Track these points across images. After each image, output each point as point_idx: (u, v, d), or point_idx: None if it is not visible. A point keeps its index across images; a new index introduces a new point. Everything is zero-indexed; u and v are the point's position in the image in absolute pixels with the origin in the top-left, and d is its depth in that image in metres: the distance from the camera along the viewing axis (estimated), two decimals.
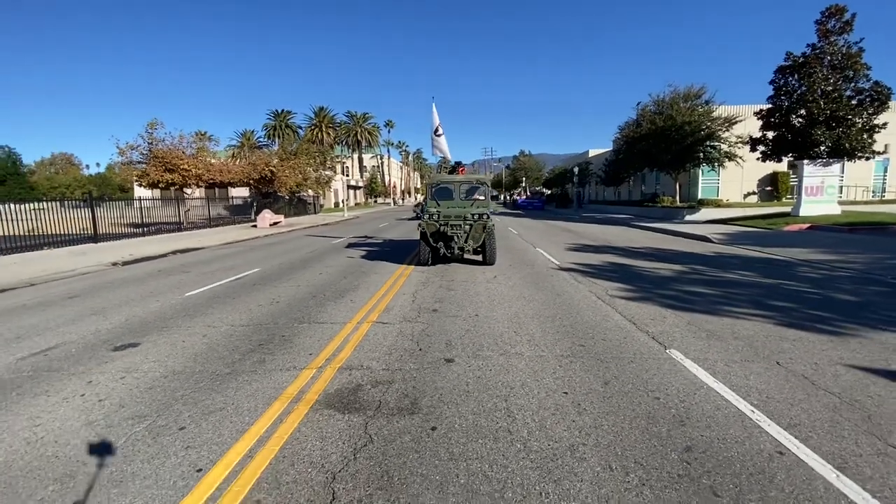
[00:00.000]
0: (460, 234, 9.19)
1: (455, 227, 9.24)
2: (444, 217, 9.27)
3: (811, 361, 4.17)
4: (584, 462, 2.62)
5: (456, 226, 9.24)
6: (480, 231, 9.20)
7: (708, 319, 5.56)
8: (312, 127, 69.15)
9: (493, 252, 9.63)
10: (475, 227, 9.20)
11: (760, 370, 3.97)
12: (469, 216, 9.28)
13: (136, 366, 4.30)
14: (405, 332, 5.13)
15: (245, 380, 3.89)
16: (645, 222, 22.20)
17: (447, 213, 9.39)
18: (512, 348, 4.56)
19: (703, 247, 13.25)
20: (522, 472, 2.54)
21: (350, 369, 4.07)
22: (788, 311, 5.91)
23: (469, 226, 9.25)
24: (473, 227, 9.20)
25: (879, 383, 3.69)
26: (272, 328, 5.43)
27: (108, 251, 15.26)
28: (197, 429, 3.09)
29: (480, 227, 9.20)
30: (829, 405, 3.31)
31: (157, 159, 22.20)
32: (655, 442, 2.83)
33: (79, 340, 5.18)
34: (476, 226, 9.20)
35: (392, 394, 3.55)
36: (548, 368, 4.02)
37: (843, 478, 2.46)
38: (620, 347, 4.56)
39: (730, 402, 3.36)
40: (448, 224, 9.21)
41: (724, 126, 23.75)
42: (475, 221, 9.22)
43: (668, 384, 3.68)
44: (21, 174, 53.46)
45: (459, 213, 9.38)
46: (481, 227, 9.20)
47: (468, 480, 2.47)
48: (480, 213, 9.31)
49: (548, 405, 3.33)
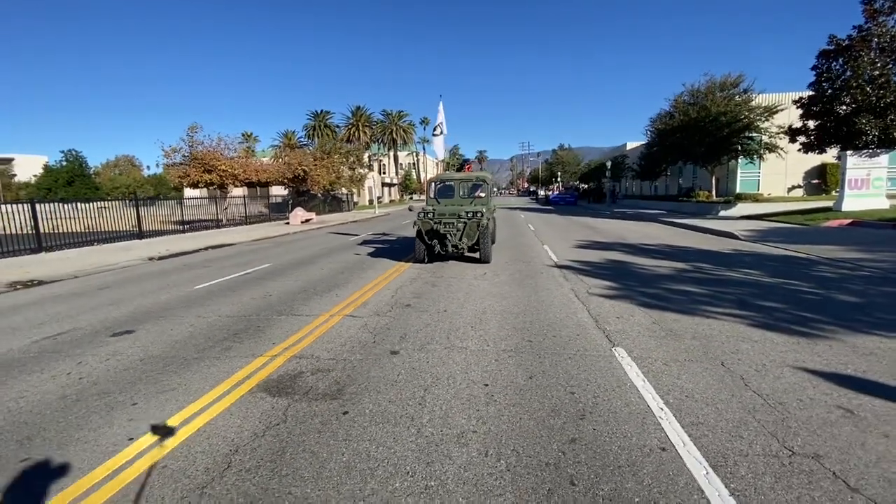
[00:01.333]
0: (453, 232, 9.19)
1: (448, 225, 9.23)
2: (438, 215, 9.29)
3: (759, 363, 4.08)
4: (465, 448, 2.80)
5: (449, 223, 9.23)
6: (475, 229, 9.15)
7: (677, 318, 5.48)
8: (350, 126, 71.03)
9: (488, 250, 9.51)
10: (469, 224, 9.16)
11: (699, 370, 3.94)
12: (463, 214, 9.23)
13: (122, 350, 4.84)
14: (369, 326, 5.42)
15: (206, 364, 4.32)
16: (675, 218, 21.37)
17: (441, 210, 9.42)
18: (460, 343, 4.73)
19: (723, 244, 12.70)
20: (403, 453, 2.75)
21: (300, 358, 4.40)
22: (771, 312, 5.70)
23: (463, 224, 9.21)
24: (468, 224, 9.16)
25: (820, 387, 3.59)
26: (252, 319, 5.87)
27: (149, 247, 16.55)
28: (146, 405, 3.51)
29: (475, 224, 9.15)
30: (749, 406, 3.28)
31: (196, 161, 23.75)
32: (545, 433, 2.95)
33: (87, 327, 5.84)
34: (470, 224, 9.16)
35: (325, 381, 3.84)
36: (482, 362, 4.17)
37: (712, 475, 2.50)
38: (567, 344, 4.63)
39: (643, 399, 3.40)
40: (441, 222, 9.22)
41: (764, 116, 22.36)
42: (469, 219, 9.17)
43: (592, 380, 3.75)
44: (87, 175, 58.38)
45: (454, 210, 9.36)
46: (475, 225, 9.14)
47: (350, 459, 2.71)
48: (475, 210, 9.25)
49: (462, 396, 3.50)
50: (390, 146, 76.21)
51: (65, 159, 57.17)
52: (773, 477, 2.49)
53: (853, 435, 2.89)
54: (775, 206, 21.91)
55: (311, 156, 34.06)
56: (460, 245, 9.25)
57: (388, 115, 75.61)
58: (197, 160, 23.82)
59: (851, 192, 17.27)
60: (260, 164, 31.28)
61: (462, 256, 10.52)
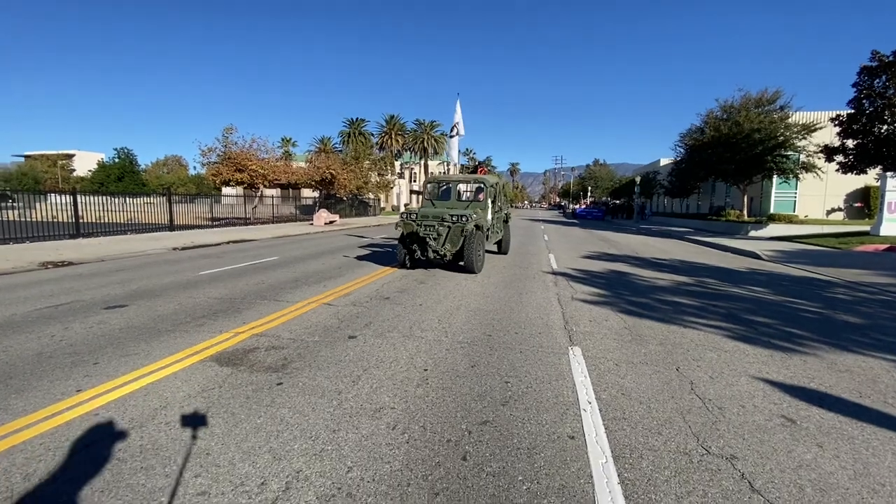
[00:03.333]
0: (434, 237, 8.33)
1: (429, 229, 8.39)
2: (420, 217, 8.56)
3: (718, 371, 3.95)
4: (376, 421, 2.86)
5: (430, 227, 8.39)
6: (458, 235, 8.23)
7: (652, 325, 5.35)
8: (383, 134, 72.63)
9: (473, 258, 8.31)
10: (453, 229, 8.26)
11: (649, 372, 3.85)
12: (447, 217, 8.38)
13: (108, 320, 5.18)
14: (341, 313, 5.56)
15: (175, 336, 4.57)
16: (701, 236, 20.63)
17: (425, 212, 8.70)
18: (421, 333, 4.79)
19: (742, 262, 12.20)
20: (315, 421, 2.85)
21: (262, 336, 4.58)
22: (757, 327, 5.48)
23: (447, 228, 8.34)
24: (451, 229, 8.27)
25: (772, 396, 3.45)
26: (236, 302, 6.14)
27: (176, 238, 17.43)
28: (105, 365, 3.76)
29: (458, 230, 8.24)
30: (684, 408, 3.19)
31: (229, 160, 24.93)
32: (461, 414, 2.98)
33: (88, 300, 6.26)
34: (454, 228, 8.27)
35: (275, 357, 3.99)
36: (433, 350, 4.22)
37: (609, 465, 2.47)
38: (525, 341, 4.61)
39: (576, 393, 3.36)
40: (423, 225, 8.44)
41: (801, 134, 21.38)
42: (453, 223, 8.29)
43: (532, 373, 3.73)
44: (136, 172, 62.41)
45: (438, 213, 8.57)
46: (459, 231, 8.23)
47: (263, 421, 2.83)
48: (460, 214, 8.39)
49: (398, 378, 3.57)
50: (421, 155, 77.23)
51: (117, 156, 61.12)
52: (672, 472, 2.43)
53: (783, 442, 2.77)
54: (810, 229, 20.78)
55: (340, 160, 35.09)
56: (442, 251, 8.34)
57: (421, 125, 76.78)
58: (230, 159, 25.00)
59: (891, 215, 16.20)
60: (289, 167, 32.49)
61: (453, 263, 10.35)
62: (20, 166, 70.04)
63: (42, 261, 10.43)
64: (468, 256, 8.30)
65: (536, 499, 2.17)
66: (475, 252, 8.34)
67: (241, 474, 2.29)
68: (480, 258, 8.76)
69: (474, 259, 8.35)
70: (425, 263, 9.39)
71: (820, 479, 2.41)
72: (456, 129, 13.36)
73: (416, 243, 8.57)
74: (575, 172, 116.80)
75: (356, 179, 34.25)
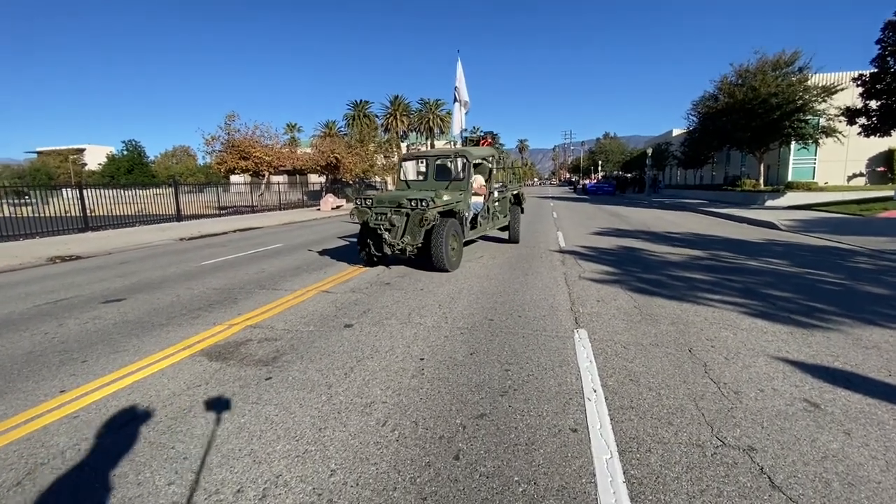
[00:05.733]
0: (385, 227, 6.71)
1: (381, 218, 6.77)
2: (376, 202, 7.02)
3: (734, 351, 3.70)
4: (366, 416, 2.70)
5: (382, 215, 6.79)
6: (417, 224, 6.56)
7: (664, 304, 5.09)
8: (388, 115, 71.86)
9: (442, 254, 6.60)
10: (412, 218, 6.58)
11: (659, 355, 3.62)
12: (405, 202, 6.69)
13: (104, 315, 5.10)
14: (338, 301, 5.41)
15: (168, 330, 4.46)
16: (716, 208, 20.01)
17: (380, 196, 7.18)
18: (420, 319, 4.61)
19: (758, 233, 11.75)
20: (301, 419, 2.70)
21: (256, 327, 4.45)
22: (775, 301, 5.19)
23: (404, 216, 6.69)
24: (410, 217, 6.61)
25: (792, 378, 3.21)
26: (234, 292, 6.02)
27: (183, 229, 17.45)
28: (94, 363, 3.66)
29: (417, 218, 6.53)
30: (697, 394, 2.97)
31: (233, 148, 24.77)
32: (456, 407, 2.80)
33: (88, 294, 6.20)
34: (413, 217, 6.57)
35: (267, 349, 3.85)
36: (431, 338, 4.04)
37: (615, 460, 2.27)
38: (528, 324, 4.40)
39: (580, 380, 3.16)
40: (374, 213, 6.90)
41: (821, 96, 20.36)
42: (412, 210, 6.61)
43: (534, 359, 3.53)
44: (145, 164, 62.78)
45: (395, 197, 6.96)
46: (419, 220, 6.51)
47: (247, 421, 2.69)
48: (420, 198, 6.64)
49: (392, 368, 3.40)
50: (427, 135, 76.28)
51: (125, 149, 61.44)
52: (684, 467, 2.22)
53: (806, 430, 2.55)
54: (830, 196, 20.00)
55: (345, 143, 34.70)
56: (400, 245, 6.68)
57: (426, 104, 75.56)
58: (234, 147, 24.83)
59: None
60: (294, 152, 32.23)
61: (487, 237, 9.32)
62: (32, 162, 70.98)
63: (50, 255, 10.46)
64: (436, 251, 6.63)
65: (533, 502, 1.99)
66: (445, 245, 6.62)
67: (217, 481, 2.15)
68: (455, 252, 7.05)
69: (444, 254, 6.62)
70: (398, 260, 7.76)
71: (848, 471, 2.19)
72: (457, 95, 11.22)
73: (369, 236, 7.08)
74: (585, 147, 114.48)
75: (362, 163, 33.90)
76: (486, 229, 8.73)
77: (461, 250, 7.34)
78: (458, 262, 7.22)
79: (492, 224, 8.96)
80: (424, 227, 6.53)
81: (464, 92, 11.20)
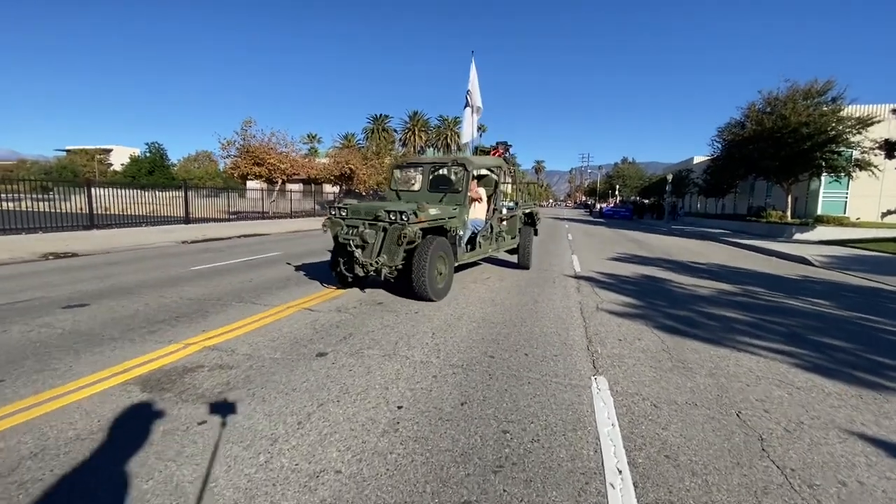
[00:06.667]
0: (355, 243, 5.62)
1: (352, 232, 5.74)
2: (351, 214, 6.01)
3: (794, 420, 2.92)
4: (307, 495, 2.00)
5: (353, 227, 5.77)
6: (395, 242, 5.49)
7: (697, 347, 4.32)
8: (406, 130, 72.48)
9: (425, 279, 5.47)
10: (390, 234, 5.54)
11: (700, 420, 2.86)
12: (382, 214, 5.63)
13: (55, 323, 4.52)
14: (319, 321, 4.74)
15: (114, 346, 3.84)
16: (740, 238, 19.01)
17: (356, 207, 6.08)
18: (407, 351, 3.92)
19: (791, 269, 10.83)
20: (223, 491, 2.01)
21: (215, 349, 3.80)
22: (830, 352, 4.37)
23: (380, 231, 5.60)
24: (388, 233, 5.56)
25: (880, 466, 2.41)
26: (209, 303, 5.41)
27: (189, 231, 17.12)
28: (8, 386, 3.05)
29: (395, 234, 5.48)
30: (757, 485, 2.21)
31: (247, 153, 24.67)
32: (432, 487, 2.09)
33: (53, 297, 5.66)
34: (391, 233, 5.52)
35: (217, 380, 3.19)
36: (416, 377, 3.34)
37: None
38: (537, 366, 3.67)
39: (600, 453, 2.42)
40: (345, 226, 5.91)
41: (856, 128, 19.40)
42: (390, 224, 5.55)
43: (541, 417, 2.79)
44: (166, 166, 63.84)
45: (372, 208, 5.91)
46: (397, 237, 5.45)
47: (153, 486, 2.01)
48: (400, 210, 5.55)
49: (359, 419, 2.69)
50: (444, 151, 76.51)
51: (148, 151, 62.69)
52: None
53: None
54: (864, 233, 18.86)
55: (360, 155, 34.60)
56: (373, 266, 5.53)
57: (444, 121, 76.02)
58: (248, 153, 24.74)
59: None
60: (310, 161, 32.19)
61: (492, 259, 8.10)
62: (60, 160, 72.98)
63: (46, 252, 10.06)
64: (417, 275, 5.48)
65: None
66: (428, 269, 5.48)
67: None
68: (443, 278, 5.92)
69: (426, 280, 5.45)
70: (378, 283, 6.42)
71: None
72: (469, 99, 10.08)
73: (341, 253, 6.02)
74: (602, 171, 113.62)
75: (376, 175, 33.67)
76: (489, 251, 7.60)
77: (451, 276, 6.18)
78: (447, 289, 6.07)
79: (495, 246, 7.81)
80: (403, 245, 5.43)
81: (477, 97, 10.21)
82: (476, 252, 7.16)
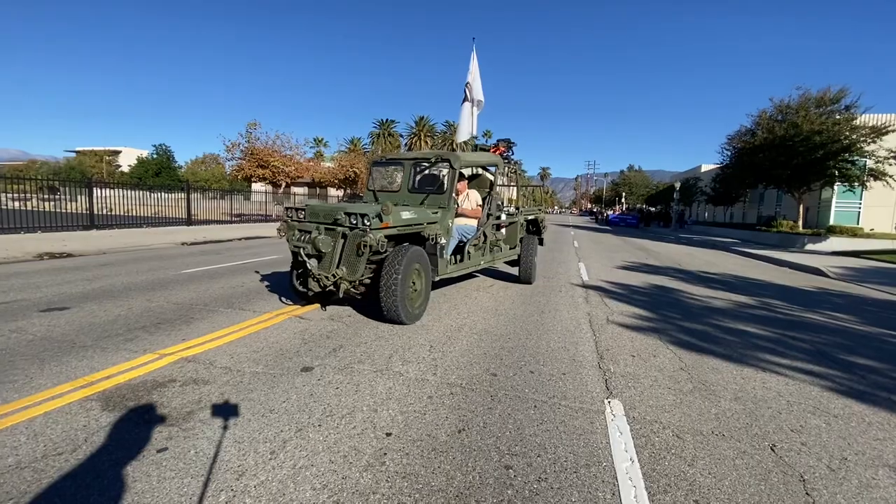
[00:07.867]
0: (307, 251, 4.70)
1: (303, 238, 4.85)
2: (309, 216, 5.04)
3: (837, 454, 2.56)
4: None
5: (306, 233, 4.85)
6: (353, 251, 4.59)
7: (718, 366, 3.96)
8: (412, 135, 72.38)
9: (395, 296, 4.49)
10: (349, 241, 4.63)
11: (731, 455, 2.50)
12: (342, 217, 4.66)
13: (27, 328, 4.23)
14: (309, 331, 4.42)
15: (84, 355, 3.54)
16: (751, 248, 18.57)
17: (315, 209, 5.04)
18: (401, 366, 3.59)
19: (806, 280, 10.42)
20: None
21: (191, 361, 3.49)
22: (862, 373, 4.00)
23: (339, 239, 4.66)
24: (347, 241, 4.64)
25: None
26: (194, 309, 5.11)
27: (189, 233, 16.92)
28: None
29: (355, 242, 4.56)
30: None
31: (251, 156, 24.56)
32: None
33: (34, 299, 5.38)
34: (350, 240, 4.61)
35: (188, 397, 2.87)
36: (409, 397, 3.01)
37: None
38: (544, 386, 3.32)
39: (619, 496, 2.07)
40: (299, 232, 4.98)
41: (871, 137, 18.95)
42: (350, 230, 4.62)
43: (550, 450, 2.45)
44: (173, 168, 64.10)
45: (331, 210, 4.93)
46: (357, 246, 4.53)
47: None
48: (362, 213, 4.56)
49: (341, 448, 2.36)
50: None
51: (155, 152, 63.03)
52: None
53: None
54: (879, 244, 18.37)
55: (365, 159, 34.47)
56: (331, 278, 4.61)
57: (451, 126, 75.90)
58: (252, 155, 24.63)
59: None
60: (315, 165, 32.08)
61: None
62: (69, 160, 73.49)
63: (41, 252, 9.84)
64: (385, 293, 4.51)
65: None
66: (400, 285, 4.50)
67: None
68: (419, 295, 4.99)
69: (397, 298, 4.49)
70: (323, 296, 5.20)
71: None
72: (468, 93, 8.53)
73: (295, 267, 5.29)
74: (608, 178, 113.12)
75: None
76: (481, 263, 6.49)
77: (427, 292, 5.13)
78: (423, 309, 5.09)
79: (490, 257, 6.70)
80: (365, 255, 4.51)
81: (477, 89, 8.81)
82: (464, 264, 6.07)
